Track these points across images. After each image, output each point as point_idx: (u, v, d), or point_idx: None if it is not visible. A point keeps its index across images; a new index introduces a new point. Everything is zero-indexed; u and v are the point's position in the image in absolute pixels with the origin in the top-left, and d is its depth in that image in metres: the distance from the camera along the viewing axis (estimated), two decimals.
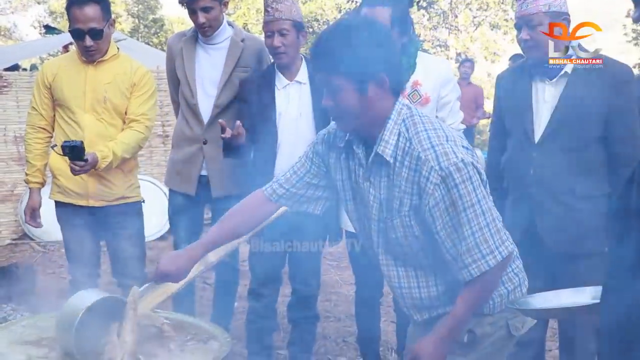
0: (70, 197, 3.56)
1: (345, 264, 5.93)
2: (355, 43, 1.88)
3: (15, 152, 7.20)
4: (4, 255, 6.63)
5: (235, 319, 4.35)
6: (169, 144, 7.14)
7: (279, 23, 3.29)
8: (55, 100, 3.55)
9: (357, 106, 1.93)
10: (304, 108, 3.41)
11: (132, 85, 3.55)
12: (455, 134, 1.97)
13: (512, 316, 2.08)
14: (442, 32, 24.02)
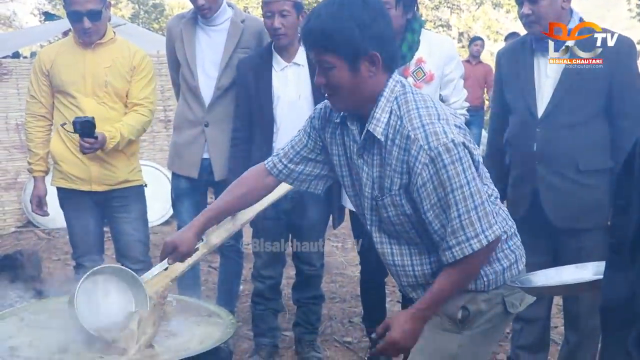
0: (73, 183, 3.57)
1: (349, 245, 5.94)
2: (346, 19, 1.85)
3: (17, 139, 7.19)
4: (9, 242, 6.65)
5: (241, 301, 4.38)
6: (171, 129, 7.12)
7: (280, 4, 3.26)
8: (54, 87, 3.54)
9: (350, 84, 1.91)
10: (303, 90, 3.40)
11: (132, 68, 3.56)
12: (448, 113, 1.94)
13: (509, 293, 2.06)
14: (444, 12, 23.90)
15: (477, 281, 2.02)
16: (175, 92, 3.95)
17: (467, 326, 2.04)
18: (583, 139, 2.86)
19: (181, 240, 2.18)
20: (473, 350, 2.07)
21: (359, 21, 1.86)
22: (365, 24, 1.86)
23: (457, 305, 2.03)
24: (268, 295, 3.62)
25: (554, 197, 2.93)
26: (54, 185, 3.66)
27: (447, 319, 2.05)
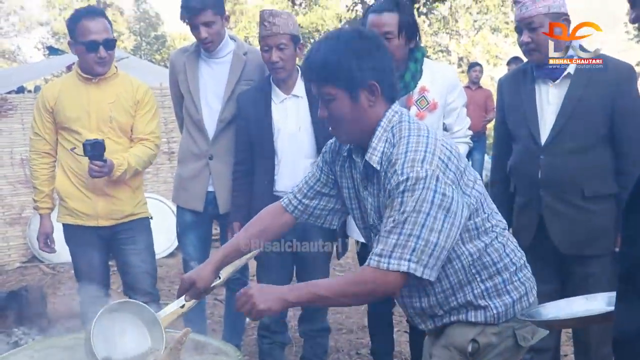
0: (79, 219, 3.56)
1: None
2: (343, 51, 1.91)
3: (22, 174, 7.21)
4: (14, 278, 6.64)
5: (247, 334, 4.34)
6: (174, 161, 7.16)
7: (277, 37, 3.28)
8: (58, 123, 3.53)
9: (351, 114, 1.95)
10: (303, 122, 3.40)
11: (136, 102, 3.58)
12: (440, 144, 1.90)
13: (520, 326, 2.03)
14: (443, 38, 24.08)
15: (487, 313, 2.01)
16: (178, 125, 3.96)
17: (479, 357, 2.02)
18: (587, 165, 2.86)
19: (199, 277, 2.18)
20: None
21: (356, 52, 1.91)
22: (362, 55, 1.91)
23: (467, 339, 2.01)
24: (274, 329, 3.59)
25: (559, 224, 2.92)
26: (59, 221, 3.65)
27: (457, 352, 2.03)
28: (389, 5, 3.12)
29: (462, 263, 1.97)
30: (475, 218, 1.94)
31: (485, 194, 2.01)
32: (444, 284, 1.99)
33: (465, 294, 2.00)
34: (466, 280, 1.99)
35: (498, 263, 2.01)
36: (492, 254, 2.00)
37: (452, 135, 3.30)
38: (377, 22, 3.08)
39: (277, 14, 3.33)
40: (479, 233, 1.97)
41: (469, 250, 1.96)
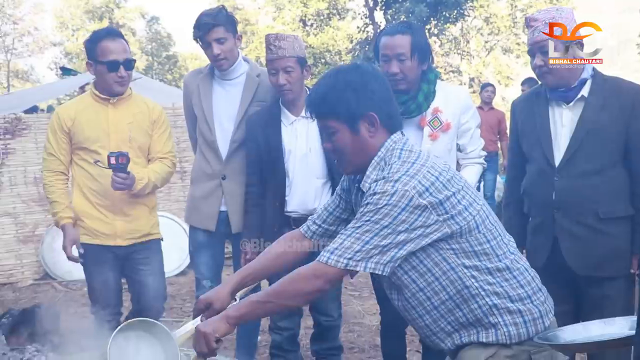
0: (97, 238, 3.57)
1: (367, 294, 5.90)
2: (341, 85, 2.02)
3: (35, 193, 7.26)
4: (27, 295, 6.66)
5: (259, 353, 4.33)
6: (186, 180, 7.20)
7: (283, 61, 3.32)
8: (75, 144, 3.55)
9: (352, 145, 2.04)
10: (313, 143, 3.42)
11: (152, 122, 3.64)
12: (426, 172, 1.95)
13: (536, 351, 2.01)
14: (455, 58, 24.15)
15: (497, 332, 2.00)
16: (192, 146, 3.99)
17: None
18: (602, 187, 2.85)
19: (216, 298, 2.21)
20: None
21: (353, 85, 2.01)
22: (358, 87, 2.01)
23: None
24: (286, 347, 3.59)
25: (574, 246, 2.91)
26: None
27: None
28: (401, 28, 3.15)
29: (458, 274, 1.98)
30: (467, 236, 1.96)
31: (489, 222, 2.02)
32: (442, 296, 2.01)
33: (472, 309, 2.00)
34: (469, 294, 1.99)
35: (505, 284, 2.01)
36: (496, 274, 2.00)
37: (465, 156, 3.31)
38: (390, 44, 3.10)
39: (282, 37, 3.37)
40: (476, 252, 1.98)
41: (465, 264, 1.98)
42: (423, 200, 1.88)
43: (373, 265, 1.91)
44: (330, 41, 26.79)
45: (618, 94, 2.85)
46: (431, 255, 1.97)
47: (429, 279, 2.00)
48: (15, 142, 7.26)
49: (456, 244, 1.96)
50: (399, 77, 3.10)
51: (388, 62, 3.11)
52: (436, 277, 1.99)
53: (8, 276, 7.15)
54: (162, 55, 35.58)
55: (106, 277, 3.61)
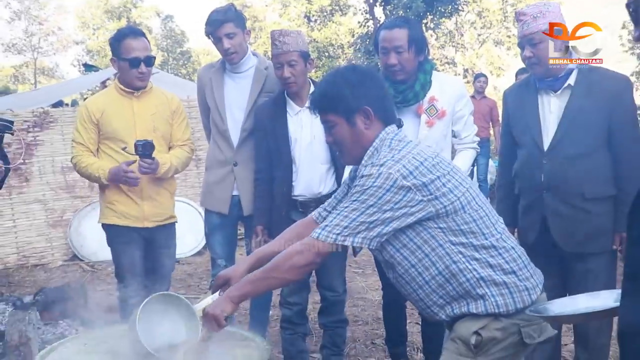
0: (127, 220, 3.62)
1: (370, 271, 5.92)
2: (339, 82, 2.10)
3: (62, 181, 7.31)
4: (57, 275, 6.72)
5: (271, 326, 4.37)
6: (201, 167, 7.21)
7: (288, 55, 3.32)
8: (104, 134, 3.59)
9: (350, 137, 2.11)
10: (317, 131, 3.41)
11: (172, 112, 3.69)
12: (411, 158, 1.99)
13: (526, 324, 2.02)
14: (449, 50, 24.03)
15: (486, 302, 2.00)
16: (206, 135, 4.00)
17: (481, 352, 2.02)
18: (587, 169, 2.86)
19: (234, 275, 2.24)
20: None
21: (349, 82, 2.09)
22: (354, 84, 2.09)
23: (470, 331, 2.02)
24: (295, 321, 3.61)
25: (561, 224, 2.92)
26: (106, 223, 3.68)
27: (462, 344, 2.04)
28: (399, 22, 3.15)
29: (446, 251, 2.00)
30: (454, 216, 1.99)
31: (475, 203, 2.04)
32: (432, 271, 2.03)
33: (460, 282, 2.01)
34: (457, 269, 2.00)
35: (491, 260, 2.02)
36: (482, 251, 2.01)
37: (460, 141, 3.31)
38: (388, 37, 3.10)
39: (286, 33, 3.37)
40: (462, 231, 2.00)
41: (452, 241, 2.00)
42: (407, 182, 1.93)
43: (360, 239, 1.96)
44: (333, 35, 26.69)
45: (602, 83, 2.85)
46: (420, 233, 2.00)
47: (419, 255, 2.03)
48: (44, 134, 7.29)
49: (443, 222, 1.99)
50: (397, 68, 3.10)
51: (387, 54, 3.11)
52: (426, 254, 2.02)
53: (40, 258, 7.21)
54: (176, 51, 35.51)
55: (134, 255, 3.65)
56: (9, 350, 3.68)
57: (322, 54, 26.19)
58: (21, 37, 35.69)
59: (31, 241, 7.23)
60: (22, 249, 7.18)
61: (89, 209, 7.24)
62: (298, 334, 3.64)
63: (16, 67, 36.76)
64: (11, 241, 7.14)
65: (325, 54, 26.14)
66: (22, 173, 7.18)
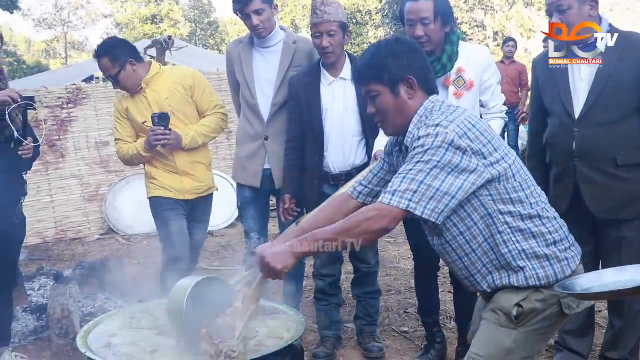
0: (171, 192, 3.75)
1: (402, 241, 5.94)
2: (383, 53, 2.13)
3: (97, 156, 7.44)
4: (94, 249, 6.87)
5: (305, 296, 4.43)
6: (232, 140, 7.26)
7: (328, 25, 3.31)
8: (135, 128, 3.78)
9: (394, 106, 2.12)
10: (350, 102, 3.44)
11: (190, 88, 3.76)
12: (463, 119, 2.01)
13: (565, 295, 2.03)
14: (479, 13, 23.59)
15: (526, 275, 2.03)
16: (236, 110, 4.03)
17: (522, 323, 2.04)
18: (619, 136, 2.82)
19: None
20: (527, 345, 2.07)
21: (393, 53, 2.12)
22: (398, 55, 2.12)
23: (512, 303, 2.04)
24: (329, 292, 3.66)
25: (594, 191, 2.90)
26: (150, 196, 3.80)
27: (503, 315, 2.06)
28: None
29: (494, 220, 2.03)
30: (505, 183, 2.00)
31: (523, 172, 2.06)
32: (479, 239, 2.05)
33: (503, 253, 2.04)
34: (501, 239, 2.03)
35: (535, 230, 2.04)
36: (527, 221, 2.03)
37: (488, 111, 3.28)
38: (414, 9, 3.07)
39: (328, 3, 3.35)
40: (512, 199, 2.02)
41: (501, 210, 2.02)
42: (462, 142, 1.94)
43: (429, 212, 1.92)
44: (360, 1, 26.37)
45: (634, 47, 2.79)
46: (472, 201, 2.01)
47: (469, 223, 2.05)
48: (77, 110, 7.41)
49: (494, 190, 2.00)
50: (423, 40, 3.07)
51: (413, 26, 3.07)
52: (475, 222, 2.04)
53: (77, 232, 7.37)
54: (204, 21, 35.49)
55: (182, 223, 3.74)
56: (52, 323, 3.80)
57: (350, 20, 25.92)
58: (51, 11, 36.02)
59: (68, 215, 7.39)
60: (59, 224, 7.35)
61: (123, 184, 7.37)
62: (332, 305, 3.70)
63: (47, 42, 37.18)
64: (49, 216, 7.31)
65: (353, 20, 25.89)
66: (57, 149, 7.32)
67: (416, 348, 3.76)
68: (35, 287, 4.76)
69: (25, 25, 49.70)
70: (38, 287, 4.75)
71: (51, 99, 7.34)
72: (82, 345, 2.17)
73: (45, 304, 4.30)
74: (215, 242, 6.79)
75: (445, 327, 3.77)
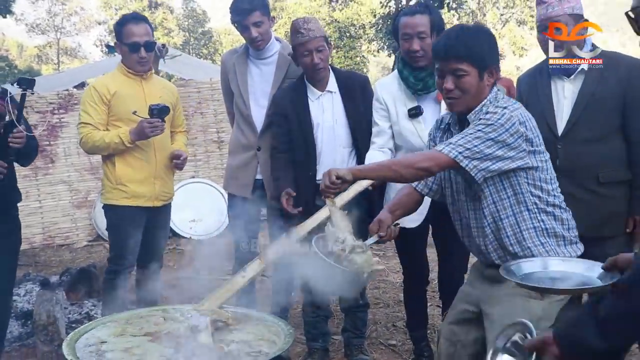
0: (138, 200, 3.69)
1: (391, 254, 5.95)
2: (482, 39, 2.30)
3: (87, 162, 7.41)
4: (82, 255, 6.84)
5: (292, 308, 4.41)
6: (224, 149, 7.27)
7: (315, 41, 3.34)
8: (114, 115, 3.64)
9: (475, 89, 2.28)
10: (338, 115, 3.47)
11: (176, 99, 3.87)
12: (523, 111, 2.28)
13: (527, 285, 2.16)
14: None
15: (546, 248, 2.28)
16: (229, 120, 4.04)
17: (547, 295, 2.18)
18: (602, 154, 2.88)
19: (385, 217, 2.51)
20: (552, 314, 2.24)
21: (490, 43, 2.32)
22: (492, 45, 2.34)
23: None
24: (318, 304, 3.65)
25: (576, 208, 2.90)
26: (117, 204, 3.68)
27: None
28: (420, 8, 3.17)
29: (525, 198, 2.28)
30: (540, 173, 2.28)
31: (552, 170, 2.35)
32: (509, 212, 2.29)
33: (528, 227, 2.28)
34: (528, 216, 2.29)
35: (557, 215, 2.32)
36: (550, 207, 2.31)
37: None
38: (410, 24, 3.10)
39: (309, 20, 3.40)
40: (542, 187, 2.29)
41: (532, 192, 2.28)
42: (521, 128, 2.20)
43: (472, 167, 2.18)
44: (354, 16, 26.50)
45: (615, 67, 2.86)
46: (510, 177, 2.26)
47: (503, 195, 2.29)
48: (68, 116, 7.40)
49: (530, 175, 2.27)
50: (419, 54, 3.10)
51: (409, 40, 3.10)
52: (508, 196, 2.29)
53: (65, 238, 7.35)
54: (198, 31, 35.54)
55: (138, 236, 3.74)
56: (38, 329, 3.77)
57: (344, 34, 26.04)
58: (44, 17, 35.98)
59: (57, 221, 7.36)
60: (47, 229, 7.32)
61: None
62: (320, 317, 3.69)
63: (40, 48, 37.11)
64: (37, 221, 7.28)
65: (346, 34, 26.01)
66: (47, 154, 7.29)
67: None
68: (21, 293, 4.71)
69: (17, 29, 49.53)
70: (24, 293, 4.71)
71: (42, 104, 7.33)
72: (69, 352, 2.15)
73: (30, 310, 4.26)
74: (204, 251, 6.74)
75: (432, 341, 3.77)
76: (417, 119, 3.22)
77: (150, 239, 3.82)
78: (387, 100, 3.30)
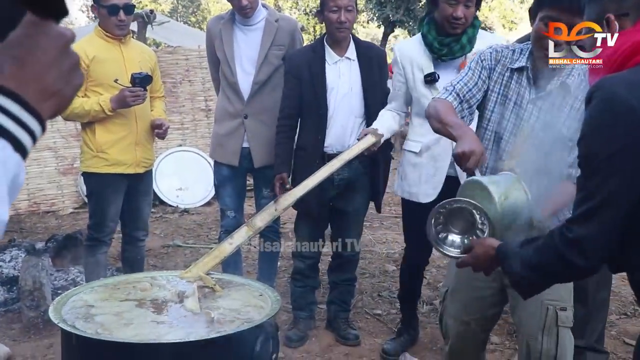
0: (119, 167, 3.60)
1: (376, 225, 5.95)
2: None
3: (73, 128, 7.31)
4: (68, 222, 6.80)
5: (279, 277, 4.43)
6: (211, 118, 7.21)
7: (347, 0, 3.28)
8: (92, 81, 3.51)
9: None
10: (354, 83, 3.41)
11: (154, 64, 3.79)
12: None
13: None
14: None
15: None
16: (215, 87, 3.99)
17: None
18: None
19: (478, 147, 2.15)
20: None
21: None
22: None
23: None
24: (307, 274, 3.65)
25: None
26: (92, 171, 3.61)
27: None
28: None
29: None
30: None
31: None
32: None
33: None
34: None
35: None
36: None
37: None
38: None
39: None
40: None
41: None
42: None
43: None
44: None
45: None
46: None
47: None
48: None
49: None
50: (461, 21, 3.03)
51: (455, 6, 2.99)
52: None
53: (50, 205, 7.28)
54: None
55: (119, 204, 3.69)
56: (23, 295, 3.76)
57: None
58: None
59: (42, 188, 7.29)
60: (33, 196, 7.25)
61: None
62: (309, 287, 3.69)
63: None
64: (23, 188, 7.17)
65: None
66: None
67: (388, 331, 3.79)
68: (6, 259, 4.70)
69: None
70: (9, 259, 4.69)
71: None
72: (56, 315, 2.14)
73: (16, 275, 4.25)
74: (191, 220, 6.75)
75: (418, 311, 3.79)
76: (434, 85, 3.13)
77: (134, 207, 3.77)
78: (405, 64, 3.21)
